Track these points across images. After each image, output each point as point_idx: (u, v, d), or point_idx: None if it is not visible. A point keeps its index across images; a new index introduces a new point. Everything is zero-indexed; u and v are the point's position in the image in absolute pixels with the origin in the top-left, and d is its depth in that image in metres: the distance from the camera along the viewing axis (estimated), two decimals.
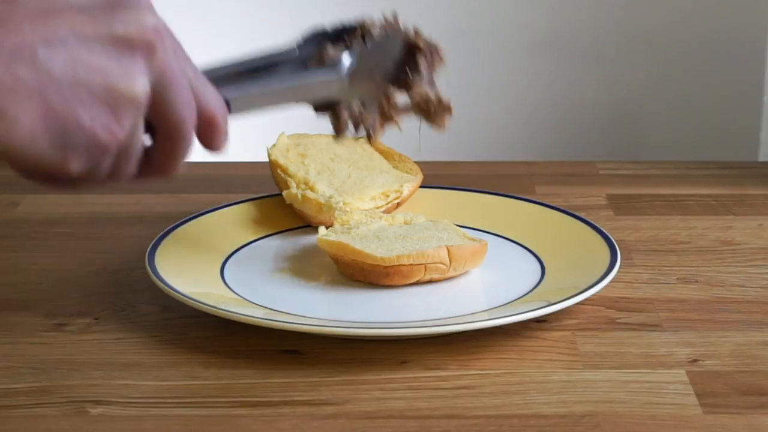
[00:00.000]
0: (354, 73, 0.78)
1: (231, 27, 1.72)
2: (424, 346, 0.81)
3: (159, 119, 0.64)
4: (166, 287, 0.84)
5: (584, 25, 1.73)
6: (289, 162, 1.04)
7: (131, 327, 0.85)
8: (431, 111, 0.85)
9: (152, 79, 0.62)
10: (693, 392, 0.75)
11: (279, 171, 1.03)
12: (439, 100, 0.85)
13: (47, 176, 0.63)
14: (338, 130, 0.80)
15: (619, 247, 0.91)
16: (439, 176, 1.13)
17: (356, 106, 0.79)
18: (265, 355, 0.80)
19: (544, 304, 0.82)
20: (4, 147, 0.59)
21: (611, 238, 0.92)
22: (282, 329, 0.80)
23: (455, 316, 0.84)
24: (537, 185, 1.15)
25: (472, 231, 0.96)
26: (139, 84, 0.61)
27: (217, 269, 0.91)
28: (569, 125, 1.77)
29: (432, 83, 0.84)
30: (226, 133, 0.70)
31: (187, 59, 0.66)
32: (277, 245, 0.97)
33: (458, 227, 0.94)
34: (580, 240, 0.94)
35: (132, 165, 0.65)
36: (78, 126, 0.60)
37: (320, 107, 0.80)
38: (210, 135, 0.69)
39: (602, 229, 0.94)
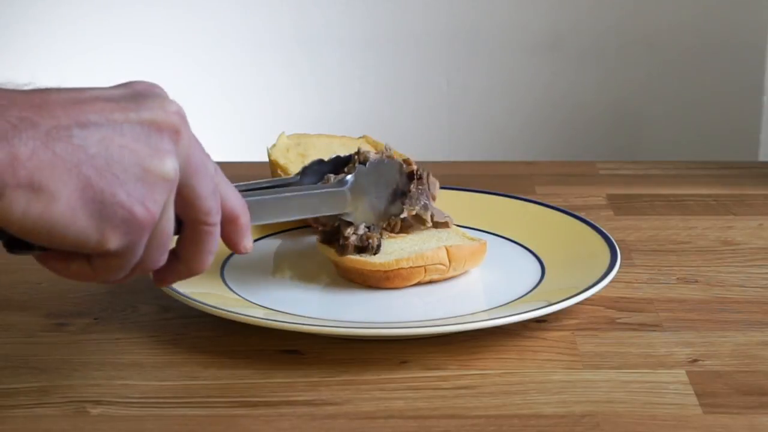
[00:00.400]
0: (354, 188, 0.88)
1: (231, 28, 1.72)
2: (424, 346, 0.81)
3: (187, 208, 0.67)
4: (166, 287, 0.84)
5: (584, 25, 1.73)
6: (289, 162, 1.04)
7: (131, 327, 0.85)
8: (428, 225, 0.92)
9: (180, 162, 0.65)
10: (693, 392, 0.75)
11: (279, 171, 1.03)
12: (434, 221, 0.92)
13: (83, 259, 0.65)
14: (343, 249, 0.88)
15: (619, 247, 0.91)
16: (439, 176, 1.13)
17: (362, 229, 0.88)
18: (265, 355, 0.80)
19: (544, 304, 0.82)
20: (45, 224, 0.61)
21: (611, 238, 0.92)
22: (282, 329, 0.80)
23: (455, 316, 0.84)
24: (537, 185, 1.15)
25: (472, 231, 0.96)
26: (169, 163, 0.64)
27: (217, 269, 0.91)
28: (569, 125, 1.77)
29: (426, 206, 0.92)
30: (249, 234, 0.73)
31: (208, 155, 0.68)
32: (277, 245, 0.97)
33: (457, 227, 0.94)
34: (580, 240, 0.94)
35: (163, 252, 0.67)
36: (115, 200, 0.62)
37: (327, 235, 0.89)
38: (234, 232, 0.71)
39: (602, 229, 0.94)
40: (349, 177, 0.88)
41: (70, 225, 0.61)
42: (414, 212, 0.91)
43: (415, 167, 0.92)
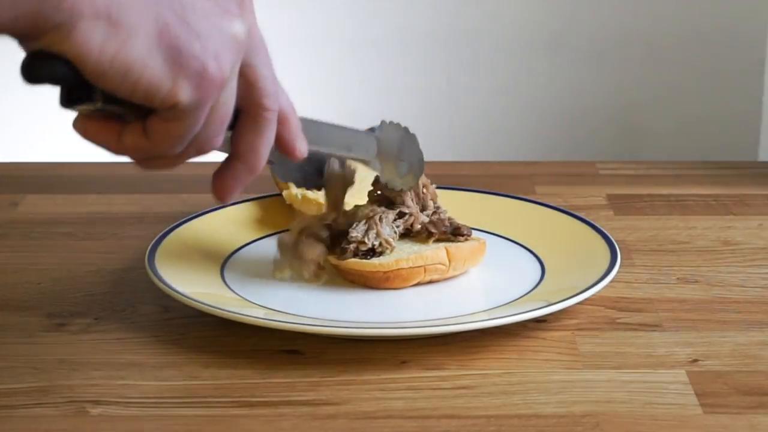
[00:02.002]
0: (381, 140, 0.89)
1: None
2: (424, 346, 0.81)
3: (248, 90, 0.66)
4: (166, 287, 0.84)
5: (585, 25, 1.73)
6: None
7: (131, 327, 0.85)
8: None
9: (245, 35, 0.64)
10: (693, 392, 0.75)
11: None
12: (454, 227, 0.92)
13: (139, 127, 0.63)
14: (343, 253, 0.88)
15: (619, 247, 0.91)
16: (439, 176, 1.13)
17: (372, 235, 0.88)
18: (265, 355, 0.80)
19: (544, 304, 0.82)
20: (122, 62, 0.58)
21: (611, 238, 0.92)
22: (282, 329, 0.80)
23: (455, 316, 0.84)
24: (537, 185, 1.15)
25: (472, 231, 0.96)
26: (238, 24, 0.63)
27: (217, 269, 0.91)
28: (569, 125, 1.77)
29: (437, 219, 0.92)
30: (302, 137, 0.72)
31: (268, 54, 0.68)
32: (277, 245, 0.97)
33: None
34: (580, 240, 0.94)
35: (222, 127, 0.65)
36: (191, 50, 0.61)
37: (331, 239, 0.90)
38: (289, 132, 0.71)
39: (602, 229, 0.94)
40: (376, 126, 0.89)
41: (145, 66, 0.59)
42: (445, 233, 0.91)
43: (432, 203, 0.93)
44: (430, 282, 0.89)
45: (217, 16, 0.62)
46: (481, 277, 0.91)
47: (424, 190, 0.92)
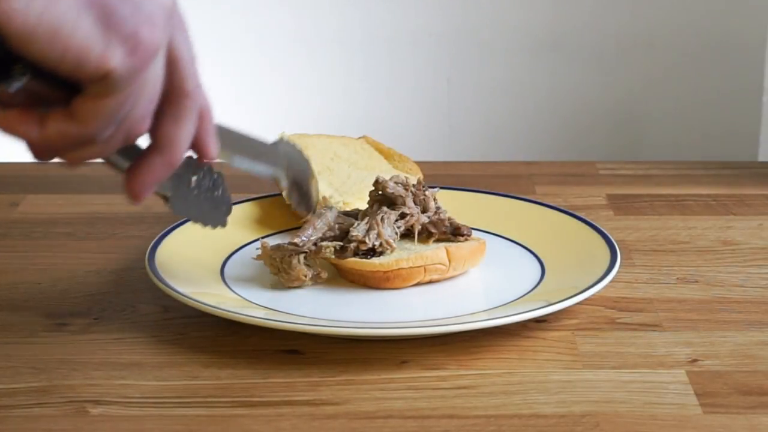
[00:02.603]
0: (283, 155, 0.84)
1: (232, 28, 1.72)
2: (424, 346, 0.81)
3: (171, 73, 0.63)
4: (166, 287, 0.84)
5: (585, 26, 1.73)
6: None
7: (131, 327, 0.85)
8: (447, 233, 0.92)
9: (172, 5, 0.61)
10: (693, 392, 0.75)
11: None
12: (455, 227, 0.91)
13: (64, 112, 0.59)
14: (343, 252, 0.88)
15: (619, 247, 0.91)
16: (439, 176, 1.13)
17: (372, 235, 0.87)
18: (265, 355, 0.80)
19: (544, 304, 0.82)
20: (49, 23, 0.55)
21: (611, 238, 0.92)
22: (282, 329, 0.80)
23: (455, 316, 0.84)
24: (537, 185, 1.15)
25: (472, 231, 0.96)
26: (168, 0, 0.60)
27: (217, 269, 0.91)
28: (570, 125, 1.77)
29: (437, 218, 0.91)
30: (216, 138, 0.69)
31: (190, 37, 0.65)
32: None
33: None
34: (580, 240, 0.94)
35: (150, 106, 0.62)
36: (122, 12, 0.58)
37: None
38: (204, 129, 0.68)
39: (602, 229, 0.94)
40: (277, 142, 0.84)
41: (75, 27, 0.56)
42: (446, 233, 0.91)
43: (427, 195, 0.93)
44: (430, 282, 0.89)
45: None
46: (481, 277, 0.91)
47: (426, 193, 0.92)
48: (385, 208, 0.90)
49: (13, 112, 0.60)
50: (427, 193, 0.92)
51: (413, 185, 0.92)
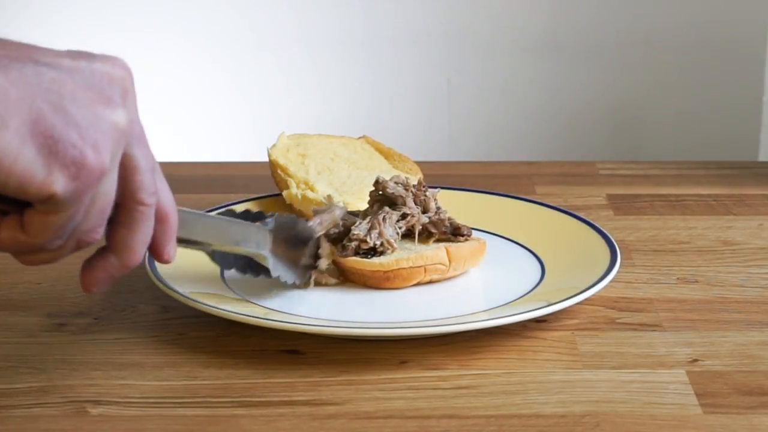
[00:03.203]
0: (275, 231, 0.85)
1: (232, 28, 1.72)
2: (424, 346, 0.81)
3: (125, 182, 0.64)
4: (166, 287, 0.84)
5: (585, 25, 1.73)
6: (289, 162, 1.04)
7: (131, 327, 0.85)
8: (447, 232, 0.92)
9: (127, 125, 0.62)
10: (693, 392, 0.75)
11: (279, 171, 1.03)
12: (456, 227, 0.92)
13: (15, 222, 0.61)
14: (344, 250, 0.88)
15: (619, 247, 0.91)
16: (439, 176, 1.13)
17: (374, 234, 0.87)
18: (265, 355, 0.80)
19: (544, 304, 0.82)
20: None
21: (611, 238, 0.92)
22: (282, 329, 0.80)
23: (455, 316, 0.84)
24: (537, 185, 1.15)
25: (472, 231, 0.96)
26: (121, 113, 0.62)
27: (217, 269, 0.91)
28: (570, 125, 1.77)
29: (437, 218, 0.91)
30: (174, 240, 0.70)
31: (149, 147, 0.66)
32: None
33: None
34: (580, 240, 0.94)
35: (103, 218, 0.64)
36: (68, 139, 0.59)
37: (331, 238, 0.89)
38: (162, 232, 0.69)
39: (602, 229, 0.94)
40: (269, 220, 0.85)
41: (17, 157, 0.58)
42: (445, 233, 0.91)
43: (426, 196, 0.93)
44: (430, 282, 0.89)
45: (98, 104, 0.61)
46: (481, 277, 0.91)
47: (426, 194, 0.92)
48: (386, 208, 0.90)
49: None
50: (428, 193, 0.92)
51: (414, 186, 0.92)
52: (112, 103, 0.62)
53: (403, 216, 0.90)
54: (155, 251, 0.69)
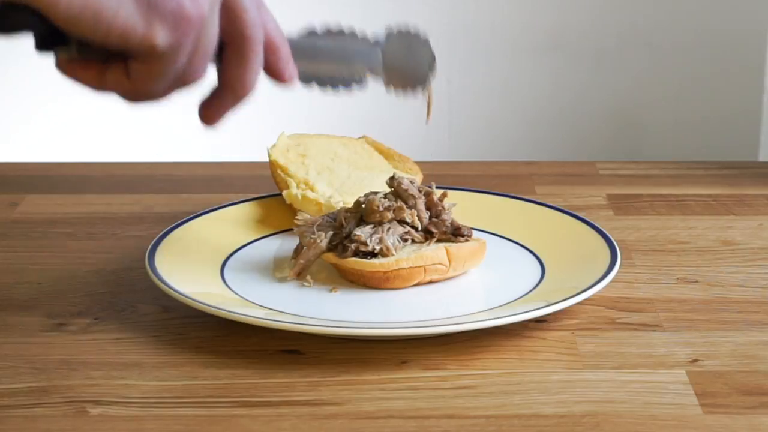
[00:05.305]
0: (386, 48, 0.84)
1: None
2: (424, 346, 0.81)
3: (231, 21, 0.65)
4: (166, 287, 0.84)
5: (585, 25, 1.73)
6: (289, 162, 1.04)
7: (131, 327, 0.85)
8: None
9: None
10: (693, 392, 0.75)
11: (279, 171, 1.03)
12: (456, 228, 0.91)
13: (121, 66, 0.62)
14: (343, 251, 0.88)
15: (619, 247, 0.91)
16: (439, 176, 1.13)
17: (374, 238, 0.87)
18: (265, 355, 0.80)
19: (544, 304, 0.82)
20: (92, 7, 0.58)
21: (611, 238, 0.92)
22: (282, 329, 0.80)
23: (455, 316, 0.84)
24: (537, 185, 1.15)
25: (472, 231, 0.96)
26: None
27: (217, 269, 0.91)
28: (570, 125, 1.77)
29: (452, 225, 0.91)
30: (291, 62, 0.72)
31: None
32: (277, 245, 0.97)
33: None
34: (580, 240, 0.94)
35: (206, 61, 0.65)
36: None
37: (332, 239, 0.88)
38: (278, 59, 0.70)
39: (602, 229, 0.94)
40: (382, 38, 0.84)
41: (117, 12, 0.58)
42: (446, 233, 0.91)
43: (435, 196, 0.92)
44: (430, 282, 0.89)
45: None
46: (481, 277, 0.91)
47: (439, 199, 0.92)
48: (394, 222, 0.90)
49: (75, 63, 0.63)
50: (445, 205, 0.92)
51: (426, 190, 0.92)
52: None
53: (407, 234, 0.90)
54: (275, 76, 0.71)
